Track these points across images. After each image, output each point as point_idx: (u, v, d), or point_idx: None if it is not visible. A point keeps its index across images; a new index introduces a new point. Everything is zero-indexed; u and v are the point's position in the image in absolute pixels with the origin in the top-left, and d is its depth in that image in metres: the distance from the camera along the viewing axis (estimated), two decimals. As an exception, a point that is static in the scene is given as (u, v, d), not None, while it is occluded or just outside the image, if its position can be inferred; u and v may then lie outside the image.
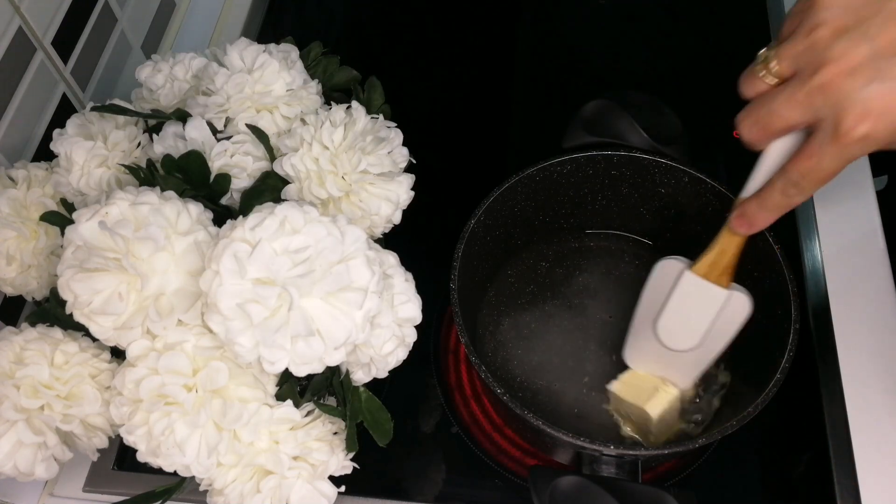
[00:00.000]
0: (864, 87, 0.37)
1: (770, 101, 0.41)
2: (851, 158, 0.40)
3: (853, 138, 0.38)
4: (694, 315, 0.53)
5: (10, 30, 0.59)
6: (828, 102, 0.38)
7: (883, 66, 0.37)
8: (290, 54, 0.57)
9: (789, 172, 0.43)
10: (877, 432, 0.58)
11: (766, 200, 0.46)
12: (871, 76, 0.37)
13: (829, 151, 0.40)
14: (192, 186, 0.52)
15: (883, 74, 0.37)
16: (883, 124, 0.38)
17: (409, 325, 0.50)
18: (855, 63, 0.38)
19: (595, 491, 0.47)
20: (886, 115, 0.38)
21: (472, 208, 0.58)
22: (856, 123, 0.38)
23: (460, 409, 0.63)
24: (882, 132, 0.38)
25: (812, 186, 0.43)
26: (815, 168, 0.41)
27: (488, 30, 0.87)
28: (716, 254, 0.52)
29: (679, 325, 0.54)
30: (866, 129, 0.38)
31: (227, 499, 0.47)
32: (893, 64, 0.37)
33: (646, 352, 0.58)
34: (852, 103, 0.38)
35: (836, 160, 0.40)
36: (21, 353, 0.47)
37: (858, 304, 0.63)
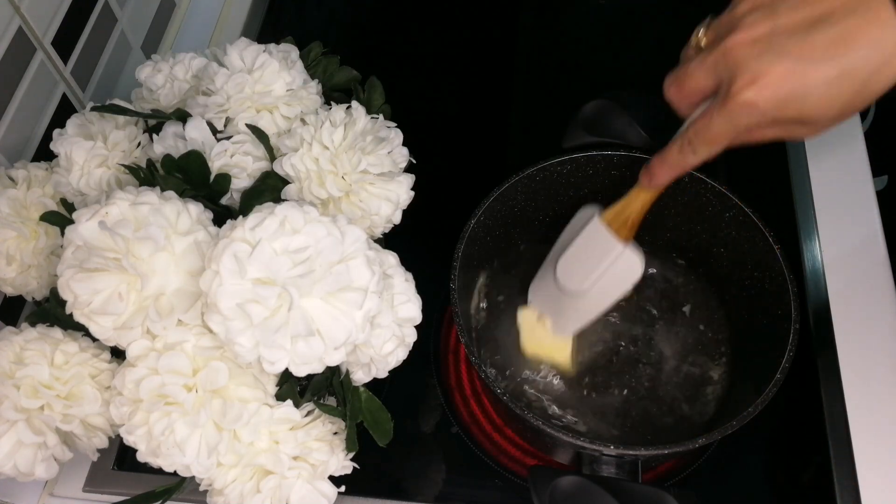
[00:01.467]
0: (758, 57, 0.40)
1: (687, 64, 0.45)
2: (738, 124, 0.42)
3: (738, 102, 0.41)
4: (589, 259, 0.55)
5: (10, 30, 0.59)
6: (727, 66, 0.41)
7: (778, 41, 0.40)
8: (290, 54, 0.57)
9: (686, 131, 0.46)
10: (877, 432, 0.58)
11: (665, 156, 0.48)
12: (765, 48, 0.40)
13: (718, 113, 0.42)
14: (192, 186, 0.52)
15: (776, 49, 0.40)
16: (766, 95, 0.40)
17: (409, 325, 0.50)
18: (756, 34, 0.40)
19: (595, 491, 0.47)
20: (770, 86, 0.40)
21: (472, 208, 0.58)
22: (742, 87, 0.40)
23: (460, 409, 0.63)
24: (764, 102, 0.40)
25: (703, 147, 0.45)
26: (705, 128, 0.44)
27: (488, 30, 0.87)
28: (622, 204, 0.54)
29: (575, 266, 0.56)
30: (751, 95, 0.40)
31: (227, 499, 0.47)
32: (788, 42, 0.39)
33: (544, 291, 0.59)
34: (744, 69, 0.40)
35: (725, 123, 0.42)
36: (21, 353, 0.47)
37: (858, 304, 0.63)
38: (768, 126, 0.42)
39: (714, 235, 0.61)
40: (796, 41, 0.40)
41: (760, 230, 0.56)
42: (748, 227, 0.57)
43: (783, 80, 0.40)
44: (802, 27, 0.40)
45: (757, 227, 0.56)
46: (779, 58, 0.40)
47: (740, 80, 0.41)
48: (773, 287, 0.55)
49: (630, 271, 0.54)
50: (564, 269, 0.56)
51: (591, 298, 0.56)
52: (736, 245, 0.59)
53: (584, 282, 0.55)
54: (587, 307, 0.57)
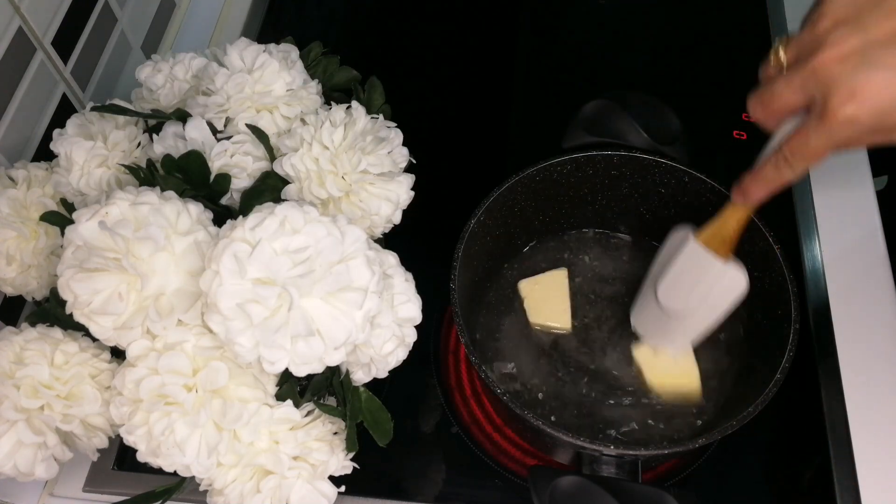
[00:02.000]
0: (853, 73, 0.40)
1: (773, 84, 0.45)
2: (839, 140, 0.42)
3: (839, 119, 0.41)
4: (691, 280, 0.55)
5: (10, 30, 0.59)
6: (819, 85, 0.41)
7: (872, 54, 0.40)
8: (290, 54, 0.57)
9: (782, 149, 0.46)
10: (877, 432, 0.58)
11: (759, 173, 0.48)
12: (859, 62, 0.40)
13: (816, 130, 0.42)
14: (192, 186, 0.52)
15: (871, 62, 0.40)
16: (867, 108, 0.40)
17: (409, 325, 0.50)
18: (847, 50, 0.40)
19: (595, 491, 0.47)
20: (871, 99, 0.40)
21: (472, 208, 0.58)
22: (841, 104, 0.40)
23: (460, 409, 0.63)
24: (866, 116, 0.40)
25: (800, 163, 0.45)
26: (803, 145, 0.44)
27: (488, 30, 0.87)
28: (718, 225, 0.54)
29: (676, 288, 0.56)
30: (851, 110, 0.40)
31: (227, 499, 0.47)
32: (882, 54, 0.40)
33: (647, 315, 0.59)
34: (840, 86, 0.40)
35: (823, 139, 0.43)
36: (21, 353, 0.47)
37: (858, 304, 0.64)
38: (867, 136, 0.42)
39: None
40: (890, 51, 0.40)
41: (760, 230, 0.56)
42: (748, 228, 0.57)
43: (882, 91, 0.40)
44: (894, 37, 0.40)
45: (756, 227, 0.56)
46: (875, 70, 0.40)
47: (837, 96, 0.41)
48: (773, 287, 0.55)
49: (734, 286, 0.54)
50: (667, 292, 0.56)
51: (697, 317, 0.56)
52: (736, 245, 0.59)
53: (688, 302, 0.55)
54: (694, 325, 0.57)
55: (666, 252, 0.58)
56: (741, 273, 0.54)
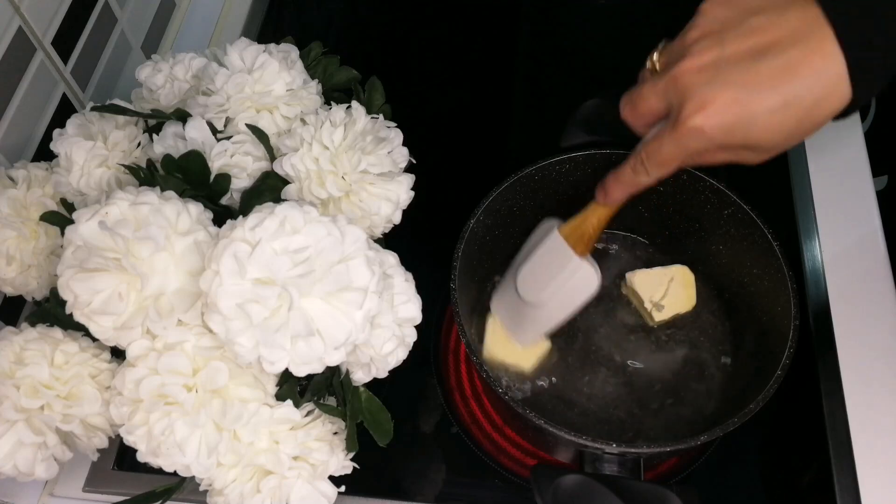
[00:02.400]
0: (705, 84, 0.41)
1: (642, 86, 0.46)
2: (688, 150, 0.43)
3: (687, 127, 0.42)
4: (547, 271, 0.56)
5: (10, 30, 0.59)
6: (676, 92, 0.42)
7: (725, 69, 0.41)
8: (290, 54, 0.57)
9: (639, 152, 0.47)
10: (877, 432, 0.58)
11: (619, 175, 0.50)
12: (712, 76, 0.41)
13: (669, 137, 0.44)
14: (192, 186, 0.52)
15: (722, 77, 0.41)
16: (714, 122, 0.41)
17: (409, 325, 0.50)
18: (704, 62, 0.41)
19: (598, 489, 0.47)
20: (717, 114, 0.41)
21: (471, 208, 0.58)
22: (690, 115, 0.41)
23: (460, 409, 0.63)
24: (712, 129, 0.41)
25: (654, 168, 0.47)
26: (657, 151, 0.45)
27: (488, 30, 0.87)
28: (580, 220, 0.55)
29: (533, 278, 0.57)
30: (699, 121, 0.41)
31: (227, 499, 0.47)
32: (734, 70, 0.40)
33: (505, 301, 0.60)
34: (692, 96, 0.41)
35: (674, 147, 0.44)
36: (21, 353, 0.47)
37: (858, 303, 0.64)
38: (717, 151, 0.43)
39: (713, 233, 0.61)
40: (742, 70, 0.40)
41: (759, 227, 0.56)
42: (747, 225, 0.57)
43: (728, 107, 0.41)
44: (749, 56, 0.40)
45: (756, 225, 0.56)
46: (724, 86, 0.41)
47: (688, 106, 0.42)
48: (773, 284, 0.55)
49: (586, 285, 0.56)
50: (524, 279, 0.57)
51: (549, 309, 0.57)
52: (735, 242, 0.59)
53: (542, 293, 0.56)
54: (545, 318, 0.58)
55: (532, 241, 0.59)
56: (594, 273, 0.55)
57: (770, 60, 0.40)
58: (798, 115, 0.40)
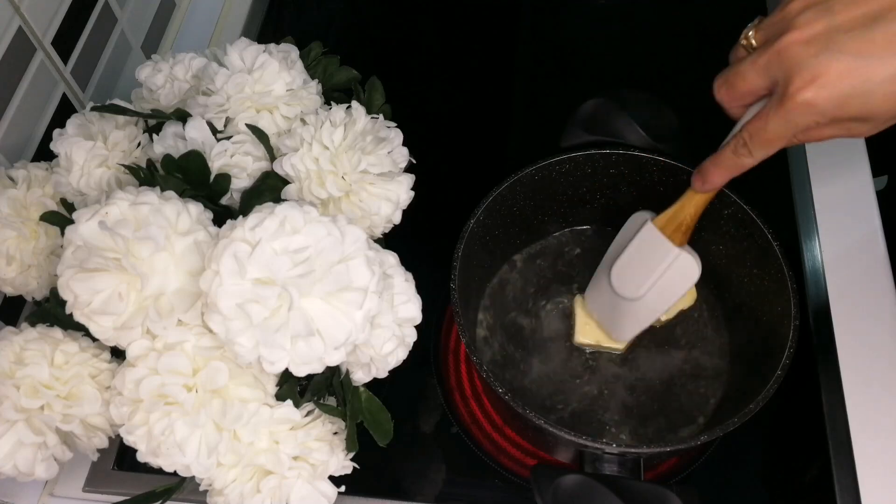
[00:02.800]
0: (815, 56, 0.39)
1: (739, 64, 0.44)
2: (797, 126, 0.41)
3: (797, 102, 0.40)
4: (645, 265, 0.55)
5: (10, 30, 0.59)
6: (782, 67, 0.40)
7: (836, 39, 0.39)
8: (290, 54, 0.57)
9: (741, 132, 0.45)
10: (877, 432, 0.58)
11: (719, 158, 0.48)
12: (823, 47, 0.39)
13: (776, 114, 0.42)
14: (192, 186, 0.52)
15: (834, 47, 0.39)
16: (826, 93, 0.39)
17: (409, 325, 0.50)
18: (812, 33, 0.39)
19: (598, 489, 0.47)
20: (831, 85, 0.39)
21: (471, 208, 0.58)
22: (801, 88, 0.40)
23: (460, 409, 0.63)
24: (825, 101, 0.39)
25: (759, 148, 0.44)
26: (762, 129, 0.43)
27: (488, 29, 0.87)
28: (675, 209, 0.54)
29: (630, 273, 0.55)
30: (810, 95, 0.39)
31: (227, 499, 0.47)
32: (846, 39, 0.39)
33: (600, 298, 0.59)
34: (801, 69, 0.39)
35: (781, 124, 0.42)
36: (21, 353, 0.47)
37: (858, 303, 0.63)
38: (827, 125, 0.41)
39: (713, 233, 0.61)
40: (855, 38, 0.39)
41: (759, 227, 0.56)
42: (747, 224, 0.57)
43: (843, 78, 0.39)
44: (861, 24, 0.39)
45: (755, 224, 0.56)
46: (838, 56, 0.39)
47: (798, 79, 0.40)
48: (773, 284, 0.55)
49: (687, 274, 0.54)
50: (620, 275, 0.56)
51: (648, 303, 0.56)
52: (735, 242, 0.59)
53: (640, 287, 0.55)
54: (645, 312, 0.57)
55: (623, 235, 0.58)
56: (694, 260, 0.54)
57: (886, 26, 0.38)
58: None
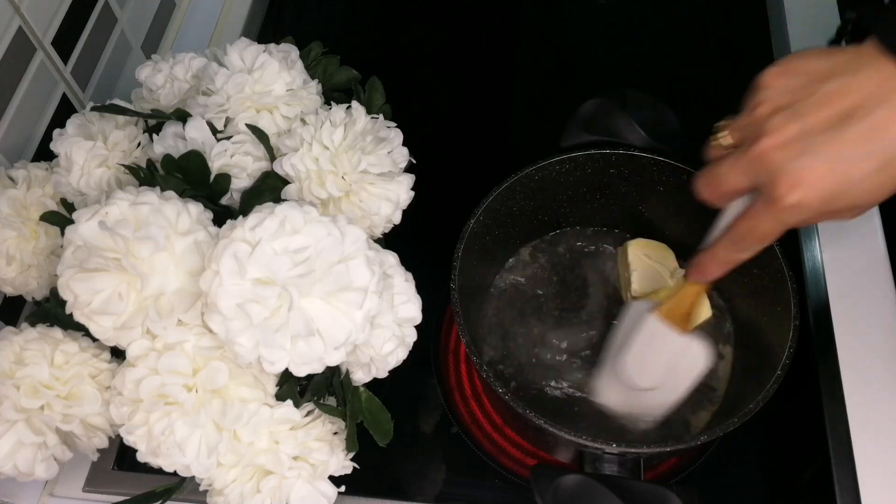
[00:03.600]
0: (795, 160, 0.41)
1: (719, 166, 0.45)
2: (787, 223, 0.43)
3: (786, 204, 0.41)
4: (654, 355, 0.55)
5: (10, 30, 0.59)
6: (763, 171, 0.42)
7: (811, 141, 0.40)
8: (290, 54, 0.57)
9: (733, 230, 0.47)
10: (877, 432, 0.58)
11: (715, 254, 0.49)
12: (800, 150, 0.41)
13: (765, 215, 0.43)
14: (192, 186, 0.52)
15: (811, 149, 0.40)
16: (813, 194, 0.41)
17: (409, 325, 0.50)
18: (787, 137, 0.41)
19: (598, 489, 0.47)
20: (814, 186, 0.41)
21: (471, 208, 0.58)
22: (787, 192, 0.41)
23: (460, 409, 0.63)
24: (812, 201, 0.41)
25: (753, 245, 0.46)
26: (754, 228, 0.45)
27: (488, 29, 0.87)
28: (676, 300, 0.54)
29: (640, 364, 0.55)
30: (797, 197, 0.41)
31: (227, 499, 0.47)
32: (821, 141, 0.40)
33: (613, 389, 0.58)
34: (784, 174, 0.41)
35: (773, 223, 0.44)
36: (21, 353, 0.47)
37: (858, 304, 0.63)
38: (817, 216, 0.43)
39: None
40: (829, 139, 0.40)
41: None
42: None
43: (825, 178, 0.40)
44: (832, 124, 0.40)
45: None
46: (816, 158, 0.40)
47: (782, 184, 0.41)
48: (773, 284, 0.55)
49: (698, 360, 0.55)
50: (633, 369, 0.56)
51: (665, 390, 0.56)
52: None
53: (654, 377, 0.55)
54: (663, 397, 0.57)
55: (624, 328, 0.57)
56: (703, 347, 0.54)
57: (857, 125, 0.40)
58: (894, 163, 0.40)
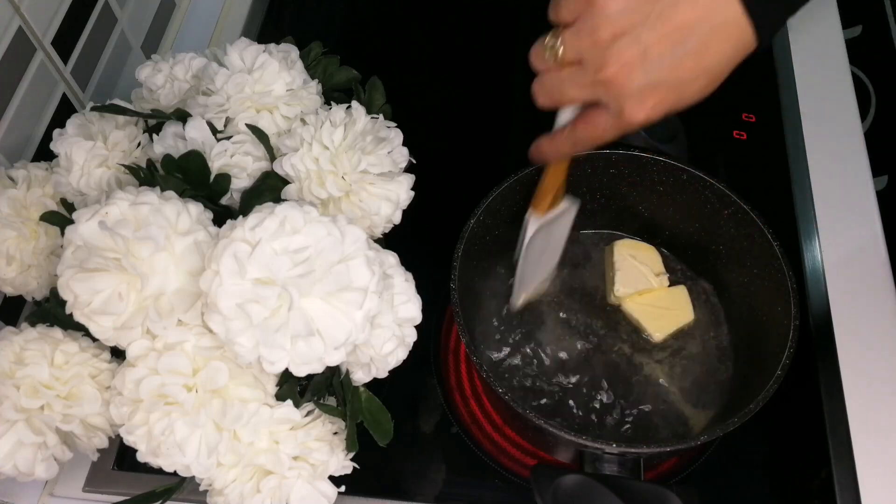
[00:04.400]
0: (640, 86, 0.45)
1: (560, 81, 0.48)
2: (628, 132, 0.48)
3: (633, 121, 0.46)
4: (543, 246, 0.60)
5: (10, 30, 0.59)
6: (610, 94, 0.46)
7: (651, 68, 0.44)
8: (290, 54, 0.57)
9: (577, 130, 0.50)
10: (877, 432, 0.58)
11: (556, 142, 0.53)
12: (643, 77, 0.44)
13: (609, 125, 0.48)
14: (192, 186, 0.52)
15: (652, 76, 0.44)
16: (655, 112, 0.46)
17: (409, 325, 0.50)
18: (628, 62, 0.44)
19: (598, 489, 0.47)
20: (657, 107, 0.45)
21: (471, 208, 0.58)
22: (633, 113, 0.46)
23: (460, 409, 0.63)
24: (655, 116, 0.46)
25: (592, 144, 0.51)
26: (598, 134, 0.49)
27: (488, 29, 0.87)
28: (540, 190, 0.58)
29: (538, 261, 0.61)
30: (644, 115, 0.46)
31: (227, 499, 0.47)
32: (659, 67, 0.44)
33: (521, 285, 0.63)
34: (630, 98, 0.45)
35: (616, 131, 0.48)
36: (21, 353, 0.47)
37: (858, 303, 0.64)
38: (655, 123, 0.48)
39: (713, 233, 0.61)
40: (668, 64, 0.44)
41: (759, 227, 0.56)
42: (747, 225, 0.57)
43: (666, 99, 0.45)
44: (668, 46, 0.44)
45: (755, 224, 0.56)
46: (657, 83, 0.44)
47: (629, 106, 0.45)
48: (773, 284, 0.55)
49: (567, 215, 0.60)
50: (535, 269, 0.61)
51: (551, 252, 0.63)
52: (735, 243, 0.59)
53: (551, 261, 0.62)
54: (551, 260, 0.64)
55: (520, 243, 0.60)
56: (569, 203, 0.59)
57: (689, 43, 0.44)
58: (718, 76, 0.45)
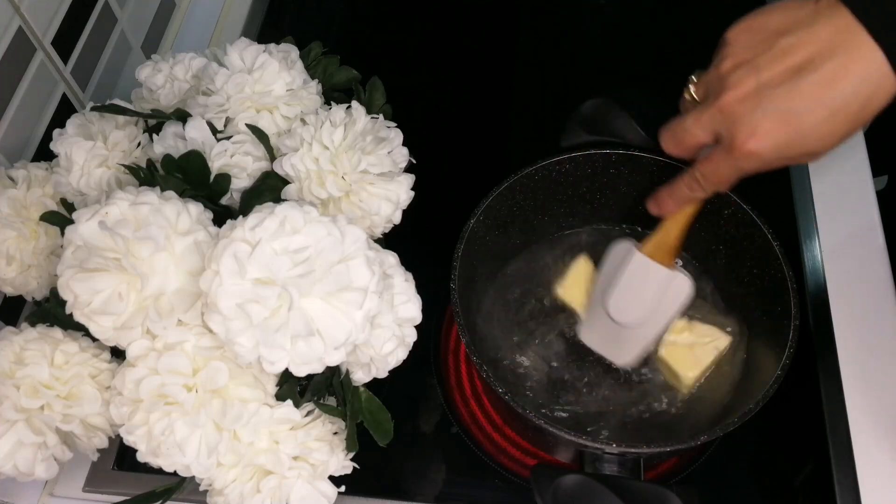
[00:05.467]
0: (751, 112, 0.44)
1: (684, 120, 0.49)
2: (744, 169, 0.47)
3: (743, 153, 0.45)
4: (640, 292, 0.57)
5: (10, 30, 0.59)
6: (724, 123, 0.46)
7: (767, 95, 0.43)
8: (290, 54, 0.57)
9: (694, 171, 0.50)
10: (877, 432, 0.58)
11: (674, 190, 0.53)
12: (756, 103, 0.44)
13: (725, 161, 0.47)
14: (192, 186, 0.52)
15: (766, 102, 0.44)
16: (767, 143, 0.44)
17: (409, 325, 0.50)
18: (745, 92, 0.44)
19: (598, 489, 0.47)
20: (768, 136, 0.44)
21: (471, 208, 0.58)
22: (744, 141, 0.45)
23: (460, 409, 0.63)
24: (766, 151, 0.44)
25: (711, 187, 0.50)
26: (713, 172, 0.49)
27: (488, 29, 0.87)
28: (660, 235, 0.56)
29: (627, 301, 0.57)
30: (753, 146, 0.44)
31: (227, 499, 0.47)
32: (775, 94, 0.43)
33: (597, 329, 0.60)
34: (741, 125, 0.44)
35: (731, 169, 0.47)
36: (21, 353, 0.47)
37: (858, 303, 0.64)
38: (772, 163, 0.46)
39: (713, 233, 0.61)
40: (783, 92, 0.43)
41: (759, 227, 0.56)
42: (747, 225, 0.57)
43: (779, 129, 0.43)
44: (787, 77, 0.43)
45: (755, 224, 0.56)
46: (770, 111, 0.43)
47: (740, 134, 0.44)
48: (773, 284, 0.55)
49: (681, 291, 0.56)
50: (618, 305, 0.57)
51: (649, 325, 0.58)
52: (735, 243, 0.59)
53: (640, 313, 0.57)
54: (646, 333, 0.58)
55: (609, 266, 0.59)
56: (687, 278, 0.56)
57: (810, 76, 0.42)
58: (848, 119, 0.43)
